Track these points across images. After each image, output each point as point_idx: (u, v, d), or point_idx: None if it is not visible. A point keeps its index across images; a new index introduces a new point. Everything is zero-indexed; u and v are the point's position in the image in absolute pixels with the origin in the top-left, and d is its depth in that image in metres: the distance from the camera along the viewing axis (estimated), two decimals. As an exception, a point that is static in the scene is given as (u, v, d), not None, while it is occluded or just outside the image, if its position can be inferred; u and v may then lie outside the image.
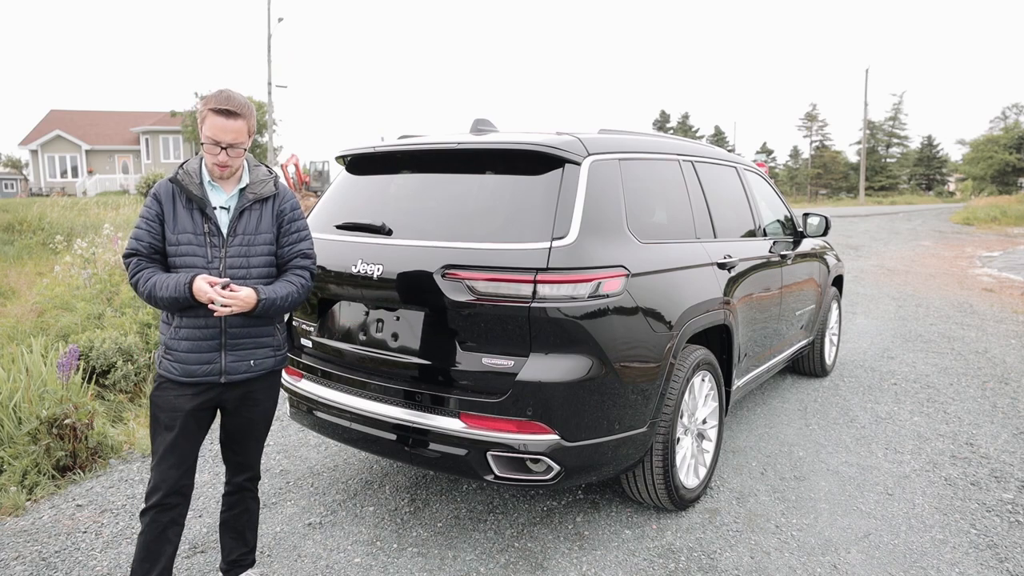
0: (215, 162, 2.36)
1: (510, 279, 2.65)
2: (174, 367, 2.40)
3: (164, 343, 2.44)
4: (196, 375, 2.41)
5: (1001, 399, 5.18)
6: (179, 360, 2.39)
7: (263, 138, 43.49)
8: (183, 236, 2.37)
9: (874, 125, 65.14)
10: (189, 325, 2.39)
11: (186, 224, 2.37)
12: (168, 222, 2.37)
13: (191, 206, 2.38)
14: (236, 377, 2.46)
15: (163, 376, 2.43)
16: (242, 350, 2.46)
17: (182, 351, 2.39)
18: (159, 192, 2.40)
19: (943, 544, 3.11)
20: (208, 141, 2.32)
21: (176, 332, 2.39)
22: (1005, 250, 16.80)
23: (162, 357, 2.44)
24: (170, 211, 2.37)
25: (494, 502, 3.49)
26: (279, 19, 34.07)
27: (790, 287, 4.65)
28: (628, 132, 3.57)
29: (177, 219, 2.37)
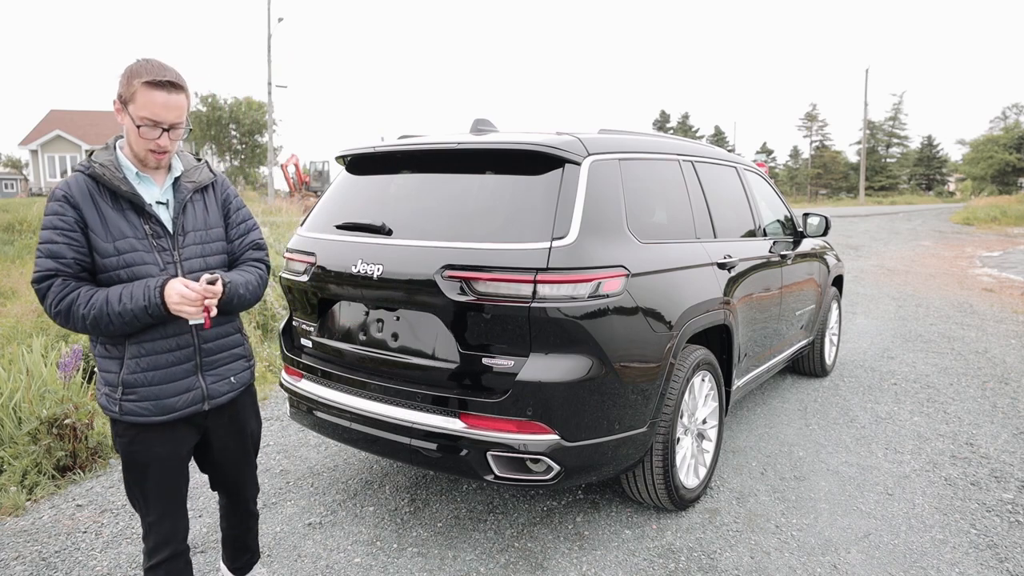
0: (152, 148, 1.95)
1: (510, 279, 2.65)
2: (143, 407, 1.98)
3: (116, 382, 1.98)
4: (177, 409, 2.03)
5: (1001, 399, 5.18)
6: (149, 397, 1.99)
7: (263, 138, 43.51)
8: (124, 243, 1.94)
9: (874, 125, 65.16)
10: (154, 351, 1.99)
11: (122, 228, 1.95)
12: (96, 229, 1.91)
13: (121, 205, 1.96)
14: (220, 400, 2.15)
15: (130, 422, 2.00)
16: (220, 367, 2.15)
17: (152, 384, 1.99)
18: (70, 194, 1.91)
19: (943, 544, 3.11)
20: (145, 123, 1.91)
21: (136, 364, 1.97)
22: (1005, 250, 16.80)
23: (120, 400, 1.98)
24: (94, 215, 1.92)
25: (494, 502, 3.50)
26: (279, 19, 34.07)
27: (790, 287, 4.65)
28: (628, 132, 3.57)
29: (108, 224, 1.93)
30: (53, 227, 1.90)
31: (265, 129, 40.19)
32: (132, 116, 1.91)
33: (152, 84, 1.89)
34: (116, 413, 2.00)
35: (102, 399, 2.03)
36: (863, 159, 54.69)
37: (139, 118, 1.91)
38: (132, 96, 1.90)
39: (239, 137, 44.98)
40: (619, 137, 3.33)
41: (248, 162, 46.20)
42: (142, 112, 1.90)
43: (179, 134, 1.98)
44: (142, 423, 2.00)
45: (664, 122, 73.69)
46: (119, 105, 1.93)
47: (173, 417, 2.03)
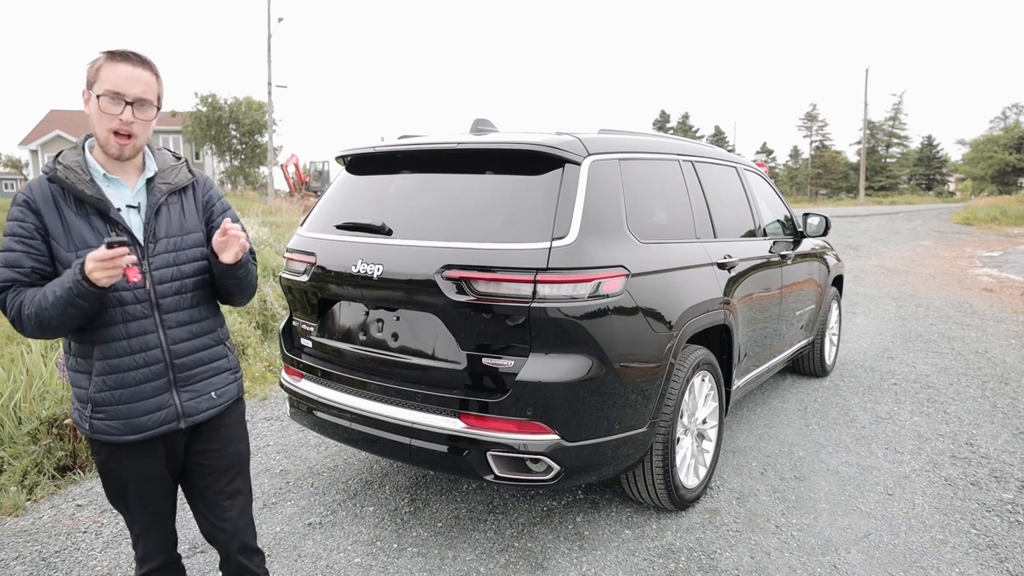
0: (117, 126, 1.77)
1: (510, 279, 2.65)
2: (112, 426, 1.84)
3: (85, 399, 1.85)
4: (148, 428, 1.87)
5: (1001, 399, 5.18)
6: (116, 416, 1.84)
7: (263, 138, 43.51)
8: (85, 253, 1.73)
9: (874, 125, 65.15)
10: (120, 368, 1.83)
11: (86, 235, 1.79)
12: (57, 237, 1.77)
13: (86, 211, 1.80)
14: (199, 417, 1.96)
15: (100, 441, 1.87)
16: (198, 382, 1.96)
17: (120, 403, 1.84)
18: (32, 198, 1.78)
19: (943, 544, 3.11)
20: (107, 94, 1.74)
21: (103, 381, 1.83)
22: (1005, 250, 16.80)
23: (89, 417, 1.85)
24: (56, 222, 1.77)
25: (494, 502, 3.50)
26: (279, 19, 34.09)
27: (790, 287, 4.65)
28: (628, 132, 3.57)
29: (71, 231, 1.78)
30: (12, 234, 1.77)
31: (265, 129, 40.16)
32: (93, 96, 1.77)
33: (114, 55, 1.77)
34: (87, 431, 1.87)
35: (75, 414, 1.92)
36: (863, 159, 54.69)
37: (104, 91, 1.74)
38: (96, 75, 1.76)
39: (239, 137, 44.93)
40: (619, 137, 3.33)
41: (248, 162, 46.13)
42: (105, 85, 1.75)
43: (147, 115, 1.81)
44: (107, 442, 1.87)
45: (664, 122, 73.69)
46: (86, 94, 1.79)
47: (145, 436, 1.87)
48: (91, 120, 1.80)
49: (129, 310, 1.84)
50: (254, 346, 5.97)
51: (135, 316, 1.85)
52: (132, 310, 1.84)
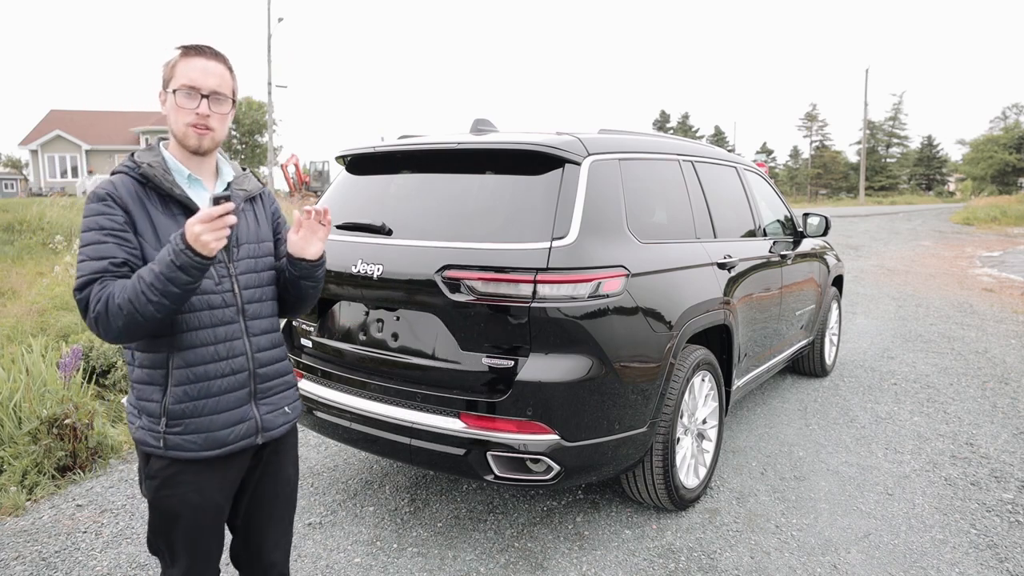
0: (193, 120, 1.72)
1: (510, 279, 2.65)
2: (190, 440, 1.72)
3: (158, 412, 1.72)
4: (228, 442, 1.76)
5: (1001, 399, 5.18)
6: (197, 429, 1.73)
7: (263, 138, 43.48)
8: None
9: (874, 125, 65.18)
10: (206, 375, 1.73)
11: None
12: (146, 234, 1.70)
13: (172, 211, 1.74)
14: (274, 433, 1.87)
15: (171, 458, 1.73)
16: (275, 395, 1.88)
17: (202, 414, 1.73)
18: (118, 194, 1.70)
19: (943, 544, 3.11)
20: (183, 89, 1.71)
21: (184, 392, 1.71)
22: (1005, 250, 16.81)
23: (163, 433, 1.71)
24: (143, 219, 1.70)
25: (494, 502, 3.49)
26: (279, 19, 34.08)
27: (790, 287, 4.65)
28: (628, 132, 3.57)
29: (159, 229, 1.71)
30: (99, 227, 1.66)
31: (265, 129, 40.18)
32: (168, 94, 1.73)
33: (188, 50, 1.74)
34: (158, 448, 1.72)
35: (139, 432, 1.74)
36: (863, 159, 54.70)
37: (180, 85, 1.71)
38: (172, 72, 1.73)
39: (239, 137, 44.98)
40: (619, 137, 3.33)
41: (248, 162, 46.20)
42: (181, 80, 1.71)
43: (223, 109, 1.76)
44: (181, 459, 1.73)
45: (664, 122, 73.71)
46: (163, 94, 1.75)
47: (223, 452, 1.76)
48: (168, 119, 1.76)
49: (217, 314, 1.75)
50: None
51: (224, 320, 1.77)
52: (220, 314, 1.76)
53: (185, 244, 1.55)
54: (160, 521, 1.79)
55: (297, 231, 1.87)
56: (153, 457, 1.75)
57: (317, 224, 1.87)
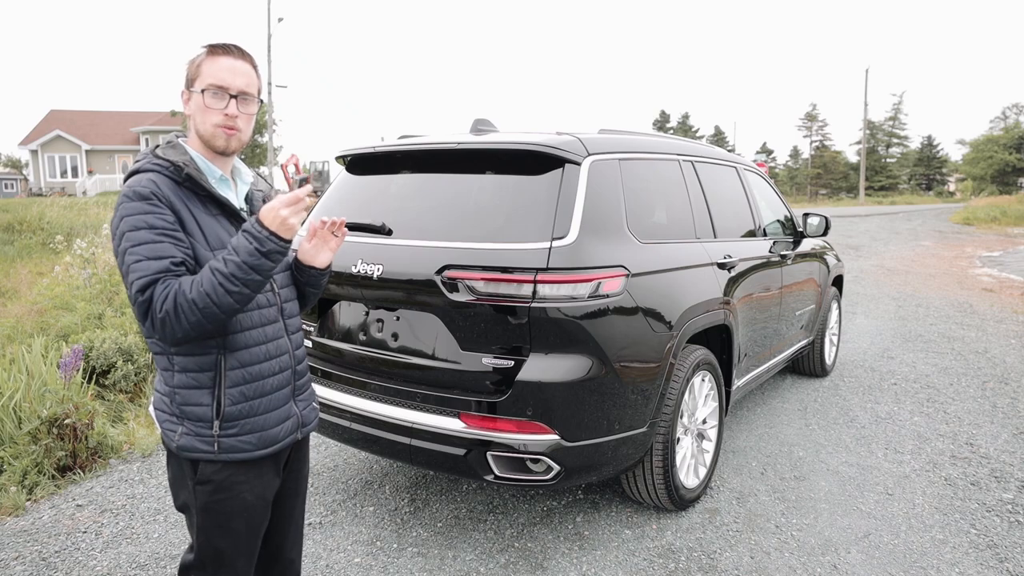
0: (222, 120, 1.69)
1: (510, 279, 2.65)
2: (246, 441, 1.71)
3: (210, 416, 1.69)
4: (278, 440, 1.77)
5: (1001, 399, 5.18)
6: (252, 429, 1.72)
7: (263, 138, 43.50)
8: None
9: (874, 125, 65.14)
10: (260, 375, 1.73)
11: (221, 236, 1.70)
12: (194, 234, 1.65)
13: (211, 210, 1.72)
14: (310, 428, 1.91)
15: (224, 461, 1.71)
16: (307, 390, 1.91)
17: (257, 414, 1.73)
18: (163, 193, 1.63)
19: (943, 544, 3.11)
20: (211, 88, 1.67)
21: (241, 392, 1.70)
22: (1005, 250, 16.80)
23: (216, 436, 1.68)
24: (191, 220, 1.66)
25: (494, 502, 3.49)
26: (279, 19, 34.11)
27: (790, 287, 4.65)
28: (628, 132, 3.57)
29: (206, 231, 1.68)
30: (151, 227, 1.58)
31: (265, 129, 40.14)
32: (194, 94, 1.70)
33: (215, 49, 1.70)
34: (212, 452, 1.68)
35: (184, 439, 1.69)
36: (863, 159, 54.68)
37: (208, 85, 1.67)
38: (197, 71, 1.69)
39: (239, 137, 44.92)
40: (619, 137, 3.33)
41: (248, 162, 46.14)
42: (210, 79, 1.68)
43: (250, 109, 1.73)
44: (238, 461, 1.71)
45: (664, 122, 73.68)
46: (186, 94, 1.71)
47: (275, 449, 1.77)
48: (193, 119, 1.72)
49: (265, 313, 1.76)
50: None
51: (269, 320, 1.77)
52: (267, 313, 1.77)
53: (269, 231, 1.56)
54: (212, 527, 1.74)
55: (311, 239, 1.88)
56: (203, 463, 1.71)
57: (330, 234, 1.88)
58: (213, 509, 1.73)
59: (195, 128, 1.73)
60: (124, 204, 1.62)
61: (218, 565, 1.78)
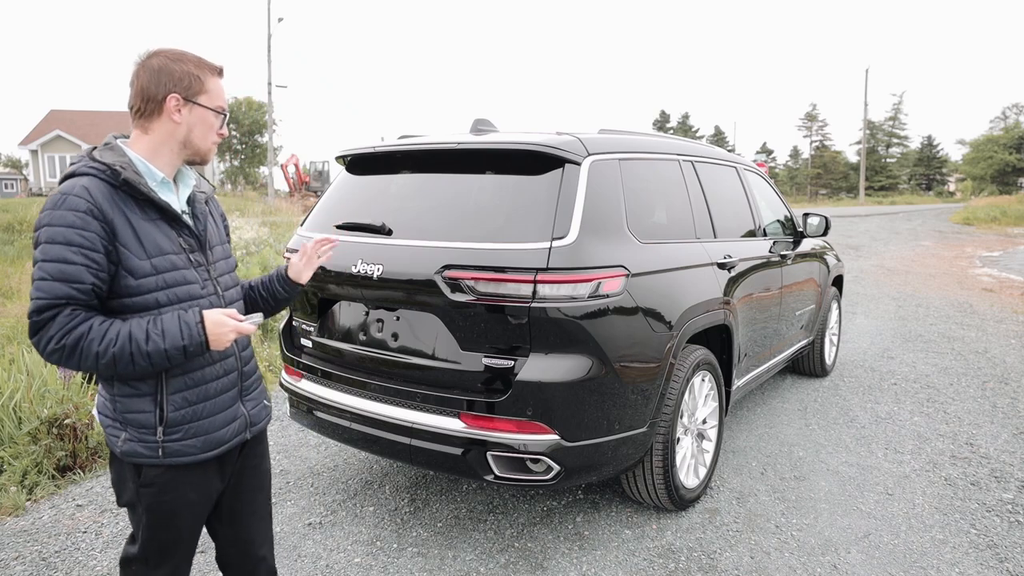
0: (217, 140, 1.79)
1: (510, 279, 2.65)
2: (190, 445, 1.73)
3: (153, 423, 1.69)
4: (224, 441, 1.80)
5: (1001, 399, 5.18)
6: (197, 433, 1.74)
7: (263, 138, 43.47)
8: (162, 260, 1.67)
9: (874, 125, 65.17)
10: (203, 380, 1.75)
11: (160, 242, 1.68)
12: (129, 244, 1.62)
13: (150, 216, 1.68)
14: (259, 427, 1.93)
15: (169, 465, 1.72)
16: (256, 390, 1.94)
17: (201, 418, 1.75)
18: (96, 202, 1.58)
19: (943, 544, 3.11)
20: (219, 110, 1.75)
21: (183, 398, 1.71)
22: (1005, 250, 16.80)
23: (160, 442, 1.69)
24: (126, 229, 1.62)
25: (494, 502, 3.49)
26: (279, 19, 34.10)
27: (790, 287, 4.65)
28: (628, 132, 3.57)
29: (143, 237, 1.65)
30: (68, 243, 1.55)
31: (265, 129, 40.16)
32: (209, 107, 1.73)
33: (216, 70, 1.75)
34: (156, 457, 1.70)
35: (129, 446, 1.69)
36: (863, 159, 54.69)
37: (217, 108, 1.74)
38: (202, 86, 1.72)
39: (239, 137, 44.98)
40: (619, 137, 3.33)
41: (248, 162, 46.21)
42: (218, 101, 1.74)
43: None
44: (181, 464, 1.73)
45: (664, 122, 73.69)
46: (180, 102, 1.69)
47: (221, 451, 1.79)
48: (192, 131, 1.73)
49: None
50: (254, 346, 5.97)
51: None
52: None
53: (205, 339, 1.63)
54: (157, 524, 1.77)
55: (302, 257, 2.00)
56: (146, 467, 1.72)
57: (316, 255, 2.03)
58: (157, 509, 1.75)
59: (187, 139, 1.73)
60: (51, 211, 1.59)
61: (161, 558, 1.81)
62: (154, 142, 1.72)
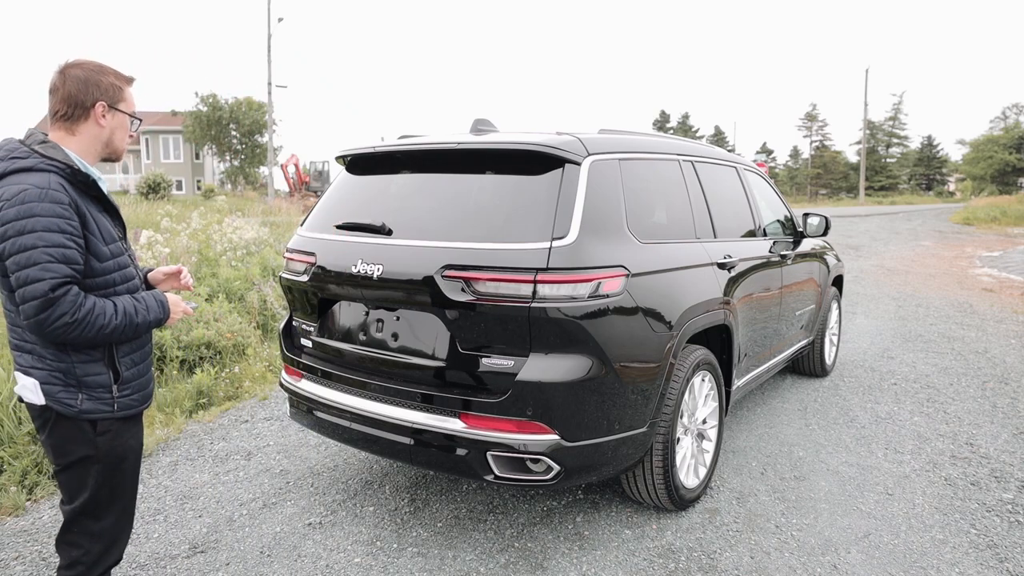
0: (128, 142, 2.09)
1: (510, 279, 2.64)
2: (135, 399, 2.08)
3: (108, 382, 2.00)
4: (151, 396, 2.22)
5: (1001, 399, 5.18)
6: (139, 388, 2.11)
7: (263, 138, 43.48)
8: (115, 247, 1.98)
9: (874, 125, 65.18)
10: (142, 345, 2.12)
11: (111, 231, 1.99)
12: (95, 232, 1.91)
13: (99, 208, 1.98)
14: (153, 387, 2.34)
15: (120, 417, 2.05)
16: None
17: (141, 376, 2.11)
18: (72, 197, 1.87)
19: (943, 544, 3.11)
20: (134, 115, 2.05)
21: (131, 360, 2.06)
22: (1005, 250, 16.80)
23: (116, 398, 2.02)
24: (89, 218, 1.91)
25: (494, 502, 3.49)
26: (279, 19, 34.13)
27: (790, 287, 4.65)
28: (628, 132, 3.57)
29: (100, 227, 1.94)
30: (61, 231, 1.81)
31: (265, 129, 40.14)
32: (127, 113, 2.03)
33: (131, 82, 2.06)
34: (111, 411, 2.00)
35: (87, 403, 1.96)
36: (863, 159, 54.69)
37: (132, 112, 2.04)
38: (121, 95, 2.01)
39: (239, 137, 44.95)
40: (619, 137, 3.33)
41: (248, 162, 46.14)
42: (133, 107, 2.04)
43: None
44: (129, 416, 2.08)
45: (664, 122, 73.70)
46: (106, 108, 1.96)
47: (150, 403, 2.19)
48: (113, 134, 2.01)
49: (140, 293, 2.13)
50: (254, 346, 5.97)
51: None
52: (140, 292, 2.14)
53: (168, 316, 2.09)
54: (109, 470, 2.05)
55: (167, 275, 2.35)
56: (100, 421, 2.00)
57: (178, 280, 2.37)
58: (111, 455, 2.04)
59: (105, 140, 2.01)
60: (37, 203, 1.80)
61: (109, 504, 2.08)
62: (83, 143, 1.98)
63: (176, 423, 4.53)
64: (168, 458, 4.06)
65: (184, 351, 5.36)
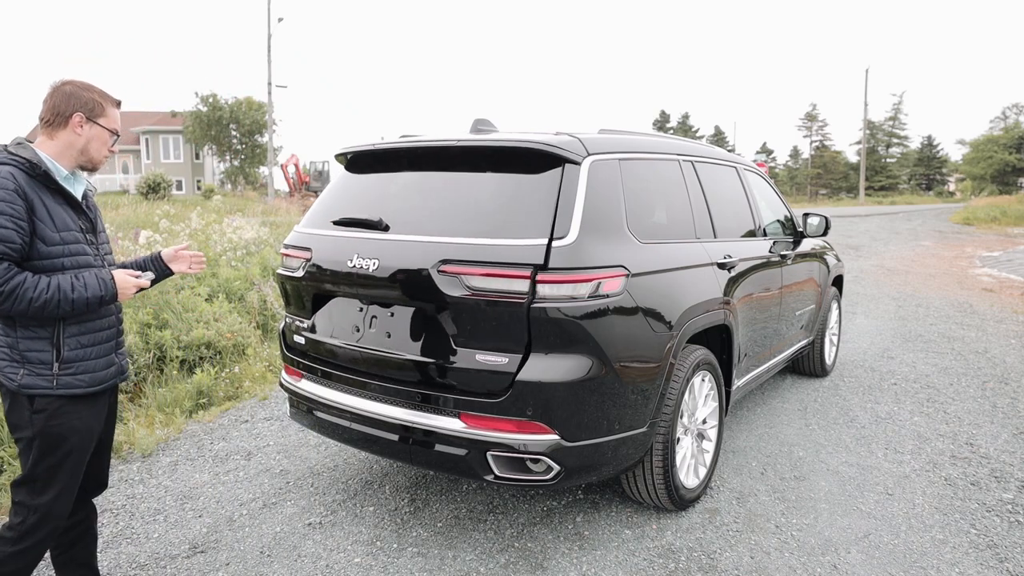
0: (107, 154, 2.34)
1: (508, 274, 2.64)
2: (80, 379, 2.20)
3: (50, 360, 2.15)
4: (106, 380, 2.29)
5: (1001, 399, 5.18)
6: (86, 371, 2.22)
7: (263, 138, 43.49)
8: (68, 234, 2.18)
9: (874, 125, 65.16)
10: (92, 329, 2.25)
11: (67, 221, 2.19)
12: (44, 219, 2.12)
13: (59, 200, 2.19)
14: (125, 375, 2.43)
15: (62, 396, 2.17)
16: (123, 344, 2.44)
17: (89, 359, 2.22)
18: (18, 184, 2.08)
19: (943, 544, 3.11)
20: (114, 132, 2.33)
21: (77, 341, 2.20)
22: (1005, 250, 16.80)
23: (56, 375, 2.16)
24: (41, 207, 2.12)
25: (494, 502, 3.49)
26: (279, 19, 34.13)
27: (790, 287, 4.65)
28: (628, 132, 3.57)
29: (54, 215, 2.15)
30: (2, 213, 2.03)
31: (265, 129, 40.14)
32: (105, 127, 2.28)
33: (117, 104, 2.33)
34: (51, 388, 2.15)
35: (26, 379, 2.13)
36: (863, 159, 54.69)
37: (112, 129, 2.30)
38: (103, 111, 2.27)
39: (239, 137, 44.94)
40: (619, 137, 3.32)
41: (248, 162, 46.13)
42: (113, 125, 2.30)
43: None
44: (71, 395, 2.19)
45: (664, 122, 73.69)
46: (83, 119, 2.21)
47: (101, 388, 2.27)
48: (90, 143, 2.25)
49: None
50: (254, 346, 5.97)
51: None
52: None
53: (116, 292, 2.22)
54: (46, 448, 2.17)
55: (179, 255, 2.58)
56: (39, 397, 2.15)
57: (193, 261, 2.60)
58: (48, 432, 2.17)
59: (83, 149, 2.25)
60: None
61: (47, 482, 2.19)
62: (58, 147, 2.21)
63: (176, 423, 4.53)
64: (168, 458, 4.05)
65: (184, 351, 5.36)
